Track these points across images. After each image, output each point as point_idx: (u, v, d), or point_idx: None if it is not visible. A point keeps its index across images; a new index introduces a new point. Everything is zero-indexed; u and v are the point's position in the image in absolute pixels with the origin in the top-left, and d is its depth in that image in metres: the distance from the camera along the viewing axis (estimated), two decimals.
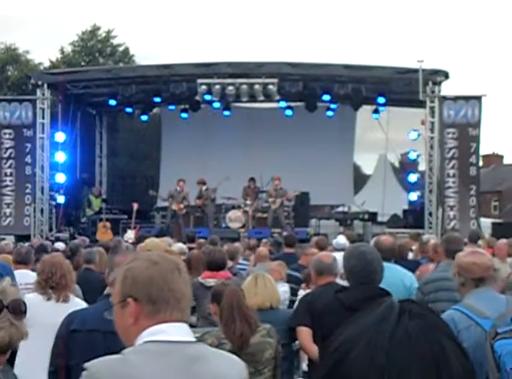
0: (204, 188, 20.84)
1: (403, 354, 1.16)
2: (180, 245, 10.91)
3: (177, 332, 2.32)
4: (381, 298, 1.27)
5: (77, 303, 5.65)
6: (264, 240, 13.77)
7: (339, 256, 6.29)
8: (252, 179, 21.32)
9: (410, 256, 10.37)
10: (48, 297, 5.75)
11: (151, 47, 72.55)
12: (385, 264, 6.63)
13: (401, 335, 1.17)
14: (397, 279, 6.70)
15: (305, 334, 5.77)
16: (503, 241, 10.28)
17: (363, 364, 1.16)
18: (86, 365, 2.25)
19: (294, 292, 8.40)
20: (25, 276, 7.76)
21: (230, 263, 8.91)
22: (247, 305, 5.17)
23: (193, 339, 2.38)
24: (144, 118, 26.42)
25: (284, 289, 8.01)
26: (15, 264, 8.05)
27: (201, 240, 13.44)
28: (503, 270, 6.73)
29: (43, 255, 7.53)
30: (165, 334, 2.30)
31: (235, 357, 2.58)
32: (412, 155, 23.28)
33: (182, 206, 20.65)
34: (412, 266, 8.21)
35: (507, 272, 7.15)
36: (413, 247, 11.15)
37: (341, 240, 10.84)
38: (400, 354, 1.15)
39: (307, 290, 7.78)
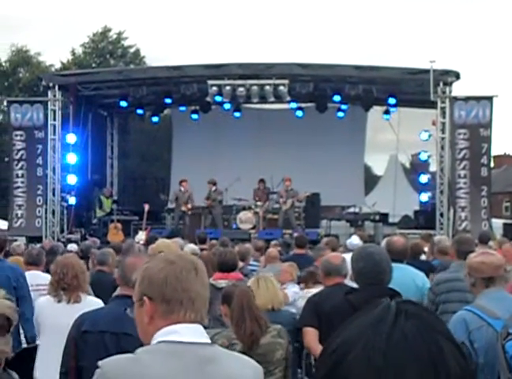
0: (213, 189, 20.86)
1: (400, 355, 1.15)
2: (192, 246, 10.93)
3: (190, 332, 2.33)
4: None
5: (91, 302, 5.66)
6: (273, 241, 13.77)
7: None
8: (262, 180, 21.33)
9: (422, 257, 10.33)
10: (59, 299, 5.77)
11: (162, 49, 72.76)
12: (397, 264, 6.63)
13: (398, 336, 1.17)
14: (408, 279, 6.69)
15: (311, 335, 5.77)
16: (509, 243, 10.28)
17: (361, 365, 1.16)
18: (99, 363, 2.28)
19: None
20: (36, 277, 7.80)
21: (241, 264, 8.91)
22: (257, 306, 5.19)
23: (207, 341, 2.38)
24: (155, 119, 26.46)
25: (294, 290, 8.01)
26: (26, 266, 8.09)
27: (213, 241, 13.43)
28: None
29: (54, 257, 7.58)
30: (178, 335, 2.30)
31: (248, 359, 2.58)
32: (423, 156, 23.18)
33: (189, 206, 20.70)
34: (425, 267, 8.18)
35: None
36: (425, 248, 11.11)
37: (355, 240, 10.84)
38: (397, 355, 1.15)
39: (306, 290, 7.78)
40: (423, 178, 23.21)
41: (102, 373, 2.25)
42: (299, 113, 24.62)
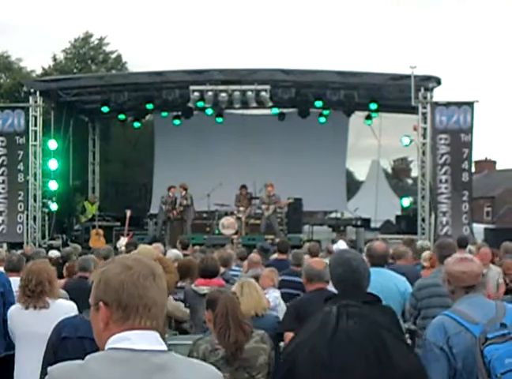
0: (182, 193, 20.88)
1: (344, 353, 1.20)
2: (175, 251, 10.89)
3: (143, 340, 2.27)
4: (370, 304, 1.31)
5: (60, 307, 5.66)
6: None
7: None
8: (244, 186, 21.34)
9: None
10: (26, 305, 5.77)
11: (143, 54, 72.57)
12: (378, 269, 6.67)
13: (341, 335, 1.23)
14: (391, 284, 6.72)
15: None
16: (487, 248, 10.49)
17: (309, 369, 1.21)
18: (48, 369, 2.26)
19: (291, 297, 8.36)
20: (17, 284, 7.76)
21: (222, 269, 8.91)
22: (242, 312, 5.18)
23: (162, 348, 2.31)
24: (136, 124, 26.43)
25: (275, 295, 8.03)
26: (7, 272, 8.04)
27: (196, 247, 13.44)
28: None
29: None
30: (129, 342, 2.26)
31: (210, 367, 2.48)
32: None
33: (175, 213, 20.75)
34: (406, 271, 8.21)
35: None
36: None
37: (341, 245, 10.88)
38: (341, 353, 1.20)
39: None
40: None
41: None
42: (281, 118, 24.68)
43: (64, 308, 5.53)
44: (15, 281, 7.81)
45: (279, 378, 1.28)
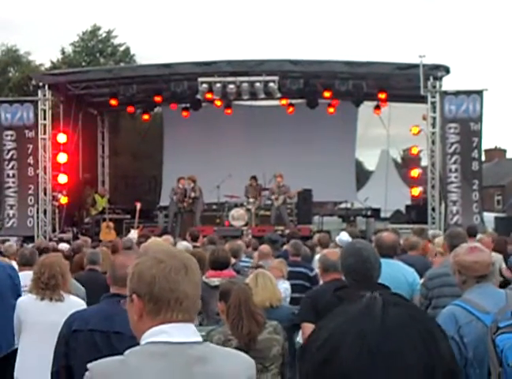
0: (191, 186, 20.91)
1: (395, 340, 1.18)
2: (186, 243, 10.90)
3: (179, 332, 2.32)
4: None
5: (74, 302, 5.68)
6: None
7: None
8: (254, 177, 21.34)
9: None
10: (41, 296, 5.79)
11: (151, 47, 72.61)
12: (387, 260, 6.65)
13: (391, 322, 1.20)
14: (399, 275, 6.71)
15: (309, 330, 5.75)
16: (487, 238, 10.50)
17: (354, 354, 1.18)
18: (89, 365, 2.28)
19: (303, 289, 8.37)
20: (30, 278, 7.79)
21: (233, 260, 8.92)
22: (255, 304, 5.18)
23: (198, 339, 2.36)
24: (145, 117, 26.43)
25: (284, 286, 8.03)
26: (20, 266, 8.07)
27: (205, 239, 13.42)
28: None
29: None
30: (166, 335, 2.30)
31: (243, 354, 2.56)
32: (414, 150, 23.07)
33: (185, 204, 20.79)
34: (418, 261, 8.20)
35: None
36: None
37: (344, 237, 10.85)
38: (391, 339, 1.18)
39: None
40: (414, 173, 23.11)
41: (91, 377, 2.26)
42: (290, 109, 24.66)
43: (77, 304, 5.55)
44: (28, 275, 7.85)
45: (312, 369, 1.24)
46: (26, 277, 7.70)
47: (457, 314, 4.11)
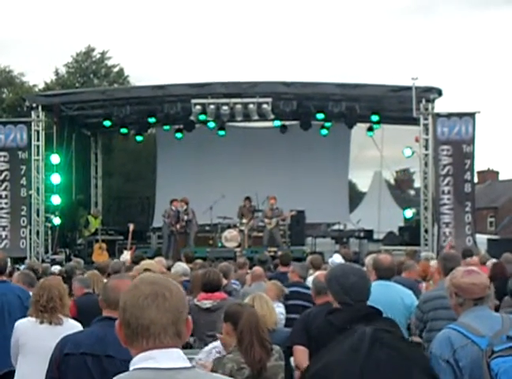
0: (184, 208, 20.87)
1: None
2: (184, 265, 10.85)
3: (167, 358, 2.27)
4: (367, 320, 1.30)
5: (72, 325, 5.65)
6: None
7: None
8: (248, 198, 21.33)
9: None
10: (41, 320, 5.76)
11: (145, 68, 72.69)
12: (385, 282, 6.64)
13: (371, 366, 1.21)
14: (397, 297, 6.69)
15: (300, 353, 5.75)
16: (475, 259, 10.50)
17: None
18: None
19: (299, 310, 8.27)
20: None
21: (224, 281, 8.88)
22: (263, 329, 5.12)
23: (187, 365, 2.31)
24: (139, 138, 26.43)
25: (279, 310, 7.98)
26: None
27: (198, 260, 13.38)
28: None
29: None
30: (154, 361, 2.25)
31: None
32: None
33: (178, 226, 20.72)
34: (410, 284, 8.18)
35: None
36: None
37: (337, 259, 10.84)
38: None
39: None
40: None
41: None
42: (284, 130, 24.71)
43: (75, 327, 5.52)
44: None
45: None
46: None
47: (452, 338, 4.10)
